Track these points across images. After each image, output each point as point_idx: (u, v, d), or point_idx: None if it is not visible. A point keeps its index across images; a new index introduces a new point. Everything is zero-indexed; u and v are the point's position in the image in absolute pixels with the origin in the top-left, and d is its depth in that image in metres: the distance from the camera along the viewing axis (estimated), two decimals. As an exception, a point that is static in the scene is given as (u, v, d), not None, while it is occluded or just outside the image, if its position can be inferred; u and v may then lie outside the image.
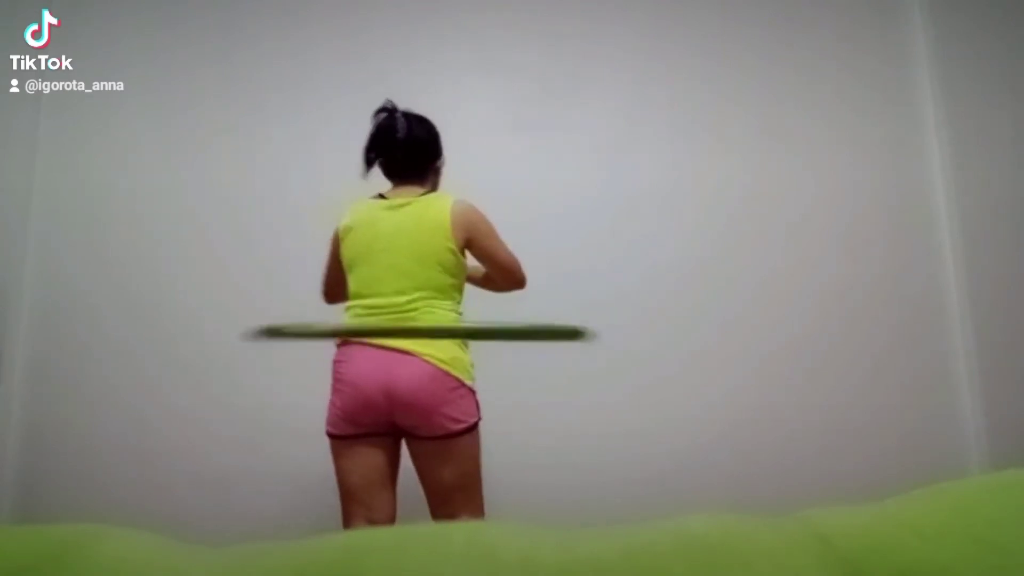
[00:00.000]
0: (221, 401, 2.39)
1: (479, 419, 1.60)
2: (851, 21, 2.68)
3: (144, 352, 2.44)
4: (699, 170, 2.57)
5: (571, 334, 1.28)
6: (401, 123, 1.71)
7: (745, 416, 2.40)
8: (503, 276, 1.72)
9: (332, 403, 1.61)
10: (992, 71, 2.56)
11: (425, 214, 1.63)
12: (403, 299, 1.59)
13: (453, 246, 1.62)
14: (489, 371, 1.67)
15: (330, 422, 1.61)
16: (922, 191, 2.58)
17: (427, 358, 1.53)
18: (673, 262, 2.52)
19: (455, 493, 1.58)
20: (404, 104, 1.80)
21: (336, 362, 1.61)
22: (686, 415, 2.39)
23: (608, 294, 2.45)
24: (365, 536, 0.57)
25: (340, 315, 1.84)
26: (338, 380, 1.60)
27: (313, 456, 2.32)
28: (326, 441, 2.29)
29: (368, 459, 1.59)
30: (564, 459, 2.33)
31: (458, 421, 1.55)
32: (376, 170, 1.78)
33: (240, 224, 2.52)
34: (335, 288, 1.78)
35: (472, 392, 1.60)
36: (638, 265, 2.50)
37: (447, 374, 1.54)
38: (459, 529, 0.58)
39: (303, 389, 2.35)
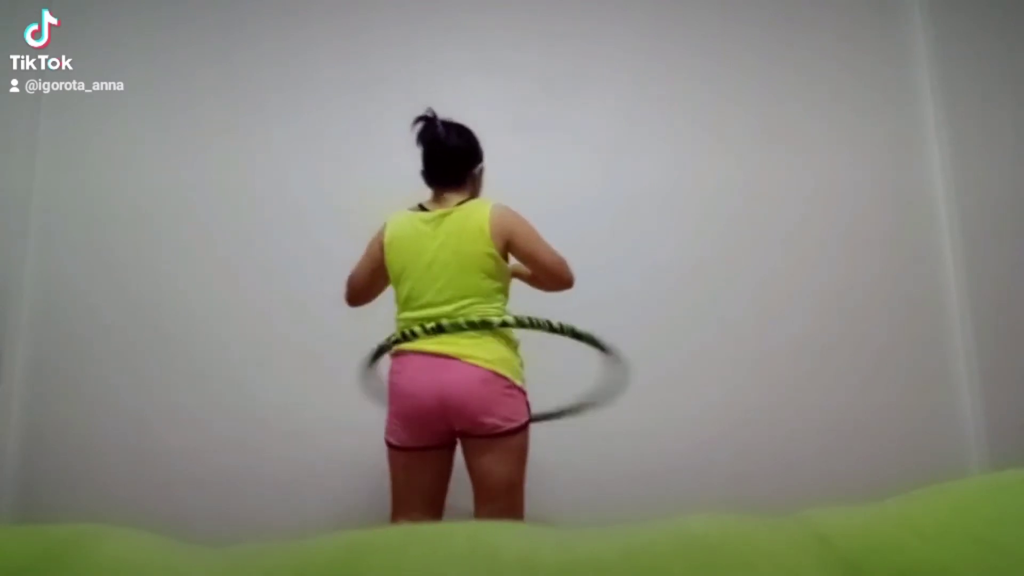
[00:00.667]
0: (221, 401, 2.39)
1: (529, 419, 1.64)
2: (851, 21, 2.68)
3: (144, 352, 2.44)
4: (699, 170, 2.57)
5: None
6: (442, 130, 1.75)
7: (745, 416, 2.40)
8: (547, 276, 1.74)
9: (390, 412, 1.66)
10: (992, 71, 2.56)
11: (465, 224, 1.67)
12: (451, 307, 1.64)
13: (493, 251, 1.65)
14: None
15: (389, 431, 1.67)
16: (922, 191, 2.58)
17: (475, 361, 1.58)
18: (673, 262, 2.52)
19: (499, 491, 1.62)
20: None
21: (391, 373, 1.67)
22: (686, 415, 2.39)
23: (608, 294, 2.44)
24: (365, 536, 0.57)
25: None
26: (393, 390, 1.65)
27: (312, 457, 2.33)
28: (325, 442, 2.31)
29: (421, 472, 1.66)
30: (563, 459, 2.32)
31: (509, 420, 1.59)
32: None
33: (240, 224, 2.52)
34: (364, 292, 1.83)
35: (522, 392, 1.64)
36: (638, 265, 2.50)
37: (496, 375, 1.59)
38: (460, 529, 0.58)
39: (303, 389, 2.36)
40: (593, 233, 2.50)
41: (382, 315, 1.78)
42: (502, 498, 1.62)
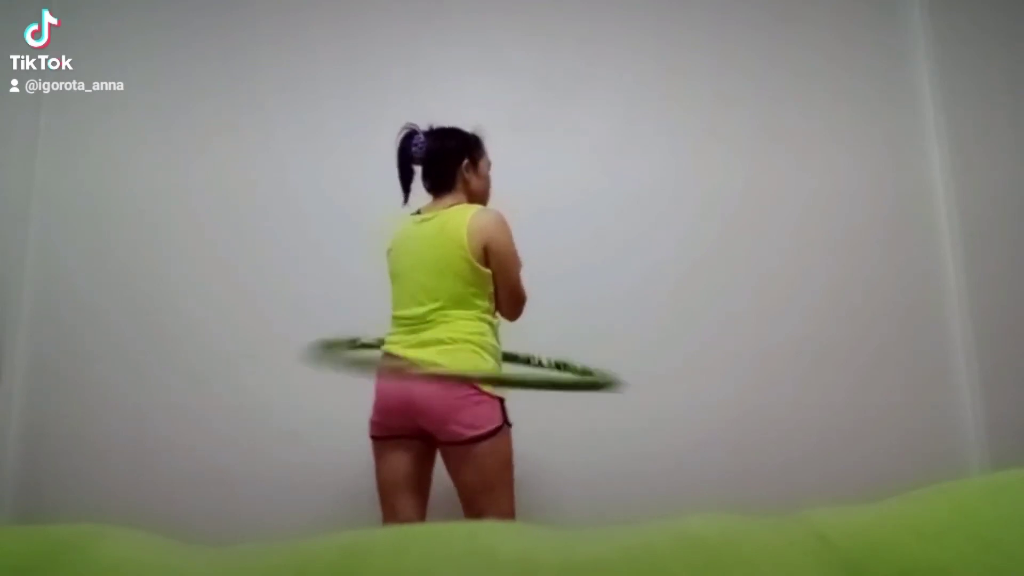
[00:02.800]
0: (221, 401, 2.39)
1: (503, 424, 1.60)
2: (851, 21, 2.68)
3: (144, 352, 2.44)
4: (698, 170, 2.57)
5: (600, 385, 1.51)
6: (418, 142, 1.76)
7: (744, 415, 2.40)
8: (507, 294, 1.72)
9: (372, 408, 1.69)
10: (992, 71, 2.56)
11: (445, 227, 1.67)
12: (422, 310, 1.65)
13: (469, 256, 1.64)
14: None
15: (370, 424, 1.70)
16: (922, 191, 2.58)
17: (438, 370, 1.58)
18: (673, 261, 2.52)
19: (480, 496, 1.61)
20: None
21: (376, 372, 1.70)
22: (685, 414, 2.39)
23: (607, 293, 2.45)
24: (365, 536, 0.57)
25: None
26: (375, 388, 1.68)
27: (312, 457, 2.33)
28: (325, 442, 2.31)
29: (394, 461, 1.68)
30: (562, 459, 2.33)
31: (474, 427, 1.56)
32: (397, 176, 1.81)
33: (240, 224, 2.52)
34: None
35: (494, 399, 1.60)
36: (637, 264, 2.50)
37: (461, 382, 1.58)
38: (458, 529, 0.58)
39: (303, 390, 2.36)
40: (592, 232, 2.50)
41: (381, 315, 1.78)
42: (482, 505, 1.60)
